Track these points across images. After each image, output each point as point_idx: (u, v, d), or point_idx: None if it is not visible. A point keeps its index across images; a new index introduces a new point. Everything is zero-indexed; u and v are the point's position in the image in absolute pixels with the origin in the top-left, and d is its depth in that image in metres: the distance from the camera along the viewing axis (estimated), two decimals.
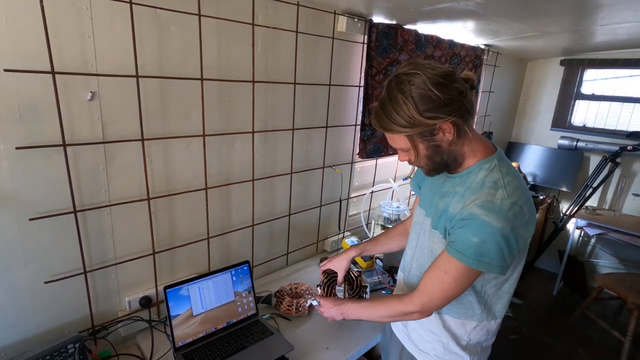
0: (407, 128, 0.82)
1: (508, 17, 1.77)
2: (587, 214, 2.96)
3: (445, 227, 0.91)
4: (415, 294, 0.95)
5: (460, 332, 1.00)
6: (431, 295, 0.92)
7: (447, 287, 0.89)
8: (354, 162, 2.00)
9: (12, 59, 0.90)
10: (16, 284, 1.03)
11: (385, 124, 0.85)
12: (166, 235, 1.33)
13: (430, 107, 0.79)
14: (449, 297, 0.91)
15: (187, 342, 1.18)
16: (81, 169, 1.07)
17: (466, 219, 0.84)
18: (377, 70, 1.83)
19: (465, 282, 0.88)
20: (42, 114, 0.97)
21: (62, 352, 1.00)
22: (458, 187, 0.91)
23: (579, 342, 2.57)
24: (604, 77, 3.14)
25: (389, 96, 0.83)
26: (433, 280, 0.91)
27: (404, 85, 0.80)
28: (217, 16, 1.24)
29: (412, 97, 0.79)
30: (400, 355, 1.15)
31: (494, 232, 0.80)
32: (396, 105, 0.81)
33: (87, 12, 0.99)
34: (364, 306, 1.07)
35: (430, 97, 0.79)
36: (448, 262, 0.87)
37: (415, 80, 0.79)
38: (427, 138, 0.84)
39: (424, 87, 0.79)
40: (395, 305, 0.98)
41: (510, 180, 0.86)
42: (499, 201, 0.81)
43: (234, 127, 1.41)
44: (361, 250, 1.30)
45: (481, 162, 0.90)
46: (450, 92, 0.80)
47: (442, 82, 0.79)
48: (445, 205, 0.92)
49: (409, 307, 0.95)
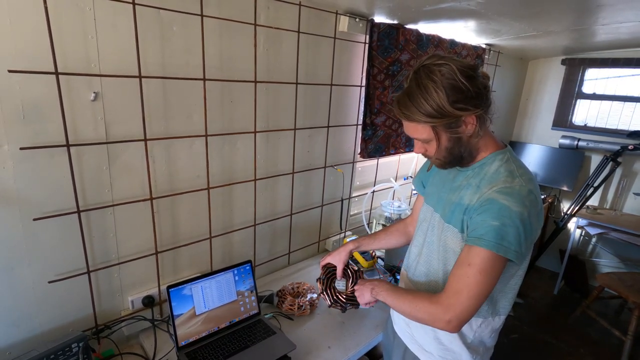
0: (435, 118, 0.81)
1: (509, 16, 1.77)
2: (588, 213, 2.97)
3: (462, 220, 0.90)
4: (442, 294, 0.88)
5: (466, 330, 0.99)
6: (458, 294, 0.85)
7: (474, 281, 0.83)
8: (356, 162, 2.01)
9: (16, 59, 0.90)
10: (20, 283, 1.04)
11: (411, 113, 0.83)
12: (169, 234, 1.33)
13: (460, 98, 0.79)
14: (477, 294, 0.84)
15: (189, 341, 1.19)
16: (84, 169, 1.08)
17: (485, 205, 0.83)
18: (379, 70, 1.83)
19: (491, 273, 0.83)
20: (46, 115, 0.98)
21: (66, 351, 1.00)
22: (472, 180, 0.91)
23: (579, 341, 2.57)
24: (605, 77, 3.13)
25: (418, 85, 0.81)
26: (458, 277, 0.86)
27: (435, 75, 0.79)
28: (220, 16, 1.24)
29: (444, 87, 0.78)
30: (403, 356, 1.14)
31: (512, 216, 0.80)
32: (426, 94, 0.80)
33: (90, 13, 0.99)
34: (395, 294, 0.99)
35: (460, 88, 0.79)
36: (470, 254, 0.84)
37: (445, 70, 0.79)
38: (452, 129, 0.84)
39: (455, 78, 0.78)
40: (423, 304, 0.90)
41: (524, 172, 0.88)
42: (518, 187, 0.83)
43: (236, 127, 1.42)
44: (359, 244, 1.29)
45: (494, 153, 0.91)
46: (478, 84, 0.80)
47: (470, 74, 0.80)
48: (459, 198, 0.91)
49: (437, 310, 0.87)
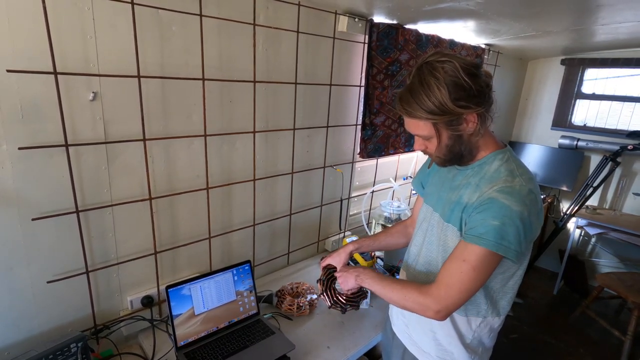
0: (436, 115, 0.82)
1: (509, 16, 1.77)
2: (587, 213, 2.97)
3: (461, 218, 0.90)
4: (433, 285, 0.90)
5: (465, 330, 0.99)
6: (450, 287, 0.87)
7: (467, 278, 0.85)
8: (355, 162, 2.00)
9: (15, 59, 0.90)
10: (19, 283, 1.03)
11: (413, 109, 0.84)
12: (168, 234, 1.33)
13: (462, 95, 0.80)
14: (468, 289, 0.86)
15: (188, 341, 1.18)
16: (83, 169, 1.08)
17: (485, 204, 0.83)
18: (378, 70, 1.83)
19: (484, 270, 0.85)
20: (45, 115, 0.98)
21: (64, 351, 1.00)
22: (471, 179, 0.91)
23: (579, 341, 2.57)
24: (604, 77, 3.13)
25: (421, 81, 0.82)
26: (451, 271, 0.87)
27: (438, 72, 0.80)
28: (219, 16, 1.24)
29: (446, 84, 0.79)
30: (402, 356, 1.14)
31: (512, 215, 0.80)
32: (429, 91, 0.80)
33: (89, 13, 0.99)
34: (381, 282, 1.00)
35: (463, 86, 0.79)
36: (466, 250, 0.85)
37: (448, 67, 0.79)
38: (453, 127, 0.84)
39: (457, 75, 0.79)
40: (412, 294, 0.92)
41: (524, 171, 0.88)
42: (518, 187, 0.83)
43: (235, 127, 1.41)
44: (359, 245, 1.29)
45: (494, 153, 0.91)
46: (480, 82, 0.81)
47: (473, 71, 0.80)
48: (459, 197, 0.92)
49: (426, 301, 0.89)
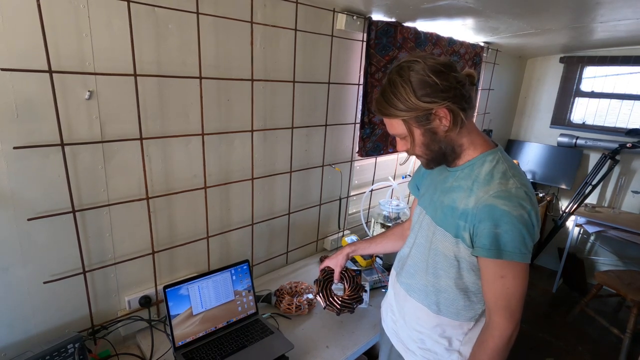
0: (404, 112, 0.85)
1: (507, 14, 1.76)
2: (586, 211, 2.96)
3: (457, 225, 0.88)
4: (490, 321, 0.88)
5: (456, 333, 0.98)
6: (509, 304, 0.86)
7: (514, 288, 0.85)
8: (354, 161, 2.00)
9: (9, 58, 0.89)
10: (15, 284, 1.03)
11: (383, 108, 0.88)
12: (165, 234, 1.32)
13: (427, 92, 0.82)
14: (523, 293, 0.86)
15: (187, 341, 1.18)
16: (79, 168, 1.07)
17: (485, 212, 0.82)
18: (377, 68, 1.82)
19: (524, 274, 0.85)
20: (40, 114, 0.97)
21: (61, 352, 0.99)
22: (462, 181, 0.90)
23: (578, 339, 2.58)
24: (603, 75, 3.13)
25: (389, 81, 0.86)
26: (499, 293, 0.86)
27: (404, 71, 0.83)
28: (216, 14, 1.23)
29: (411, 82, 0.82)
30: (389, 354, 1.15)
31: (514, 222, 0.80)
32: (394, 89, 0.84)
33: (84, 11, 0.98)
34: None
35: (427, 82, 0.82)
36: (496, 267, 0.84)
37: (415, 67, 0.83)
38: (423, 123, 0.86)
39: (423, 73, 0.82)
40: (489, 350, 0.88)
41: (517, 172, 0.88)
42: (514, 190, 0.82)
43: (233, 125, 1.41)
44: (355, 248, 1.30)
45: (484, 154, 0.90)
46: (449, 79, 0.82)
47: (441, 70, 0.82)
48: (452, 201, 0.91)
49: (504, 334, 0.86)
